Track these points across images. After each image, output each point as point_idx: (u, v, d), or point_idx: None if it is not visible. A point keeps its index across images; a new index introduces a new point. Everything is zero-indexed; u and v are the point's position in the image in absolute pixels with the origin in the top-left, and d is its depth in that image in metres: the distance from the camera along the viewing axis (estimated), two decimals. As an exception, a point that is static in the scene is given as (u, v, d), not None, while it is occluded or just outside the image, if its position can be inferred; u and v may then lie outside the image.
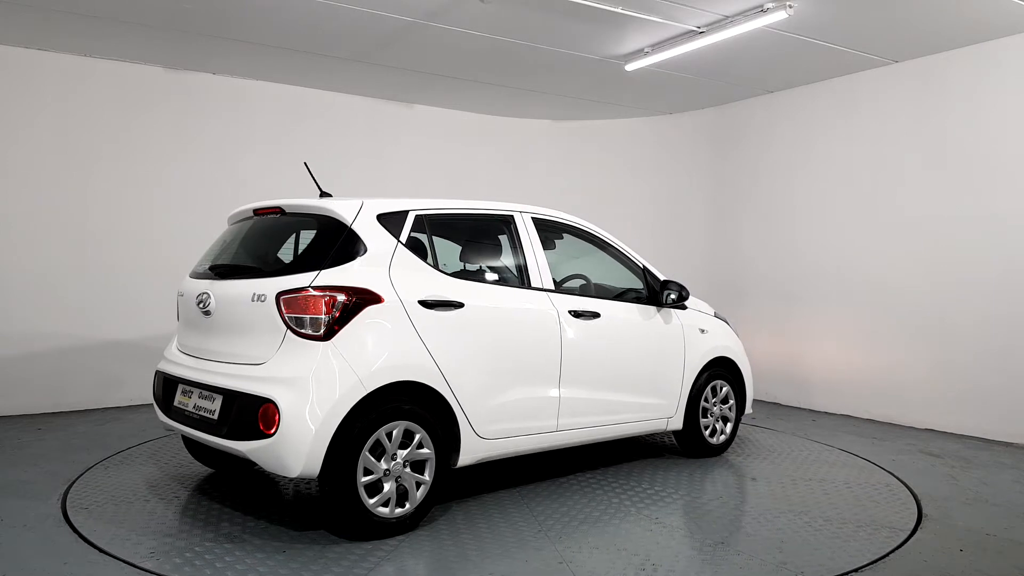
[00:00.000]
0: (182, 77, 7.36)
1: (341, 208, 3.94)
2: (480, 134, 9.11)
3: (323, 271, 3.72)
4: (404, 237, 4.03)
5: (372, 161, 8.32)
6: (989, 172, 6.24)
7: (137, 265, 7.11)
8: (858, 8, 5.61)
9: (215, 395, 3.83)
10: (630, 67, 6.92)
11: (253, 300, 3.78)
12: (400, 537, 3.73)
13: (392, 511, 3.74)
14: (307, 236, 4.22)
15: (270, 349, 3.69)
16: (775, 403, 7.86)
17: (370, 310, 3.72)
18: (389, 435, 3.72)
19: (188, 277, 4.48)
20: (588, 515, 4.19)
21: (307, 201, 4.13)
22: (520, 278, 4.51)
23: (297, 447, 3.46)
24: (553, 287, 4.62)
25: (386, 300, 3.78)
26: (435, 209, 4.26)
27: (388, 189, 8.21)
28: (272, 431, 3.48)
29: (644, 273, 5.26)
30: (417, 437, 3.82)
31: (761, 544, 3.79)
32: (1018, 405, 6.04)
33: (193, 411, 3.96)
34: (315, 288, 3.65)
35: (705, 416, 5.51)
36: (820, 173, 7.55)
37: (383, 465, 3.71)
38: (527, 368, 4.36)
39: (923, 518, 4.17)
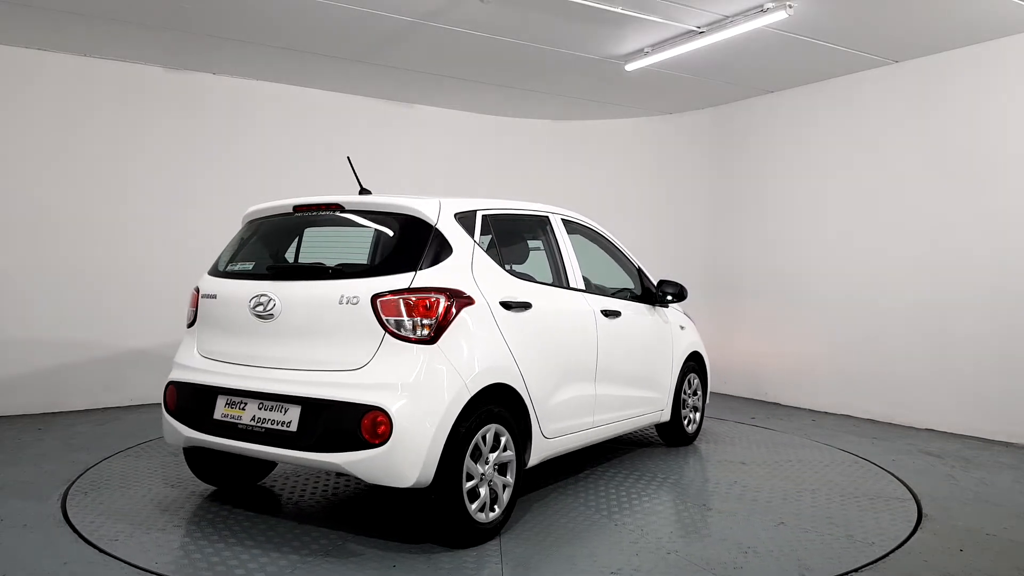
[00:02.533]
0: (182, 77, 7.36)
1: (424, 207, 3.78)
2: (480, 134, 9.11)
3: (419, 272, 3.58)
4: (477, 237, 3.94)
5: (372, 161, 8.30)
6: (989, 172, 6.24)
7: (137, 265, 7.12)
8: (858, 8, 5.61)
9: (289, 405, 3.54)
10: (630, 67, 6.92)
11: (341, 303, 3.55)
12: (493, 542, 3.69)
13: (488, 516, 3.68)
14: (332, 234, 4.15)
15: (364, 354, 3.48)
16: (775, 403, 7.86)
17: (465, 312, 3.63)
18: (483, 438, 3.65)
19: (214, 277, 4.13)
20: (641, 506, 4.37)
21: (381, 199, 3.93)
22: (561, 278, 4.57)
23: (413, 455, 3.33)
24: (584, 287, 4.70)
25: (476, 302, 3.71)
26: (495, 209, 4.23)
27: (388, 189, 8.20)
28: (381, 441, 3.31)
29: (639, 272, 5.42)
30: (503, 439, 3.78)
31: (813, 521, 4.10)
32: (1018, 405, 6.04)
33: (253, 424, 3.61)
34: (415, 290, 3.53)
35: (684, 407, 5.81)
36: (820, 173, 7.55)
37: (480, 469, 3.64)
38: (575, 367, 4.44)
39: (923, 518, 4.17)
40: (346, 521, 4.00)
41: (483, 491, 3.65)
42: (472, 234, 3.91)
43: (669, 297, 5.41)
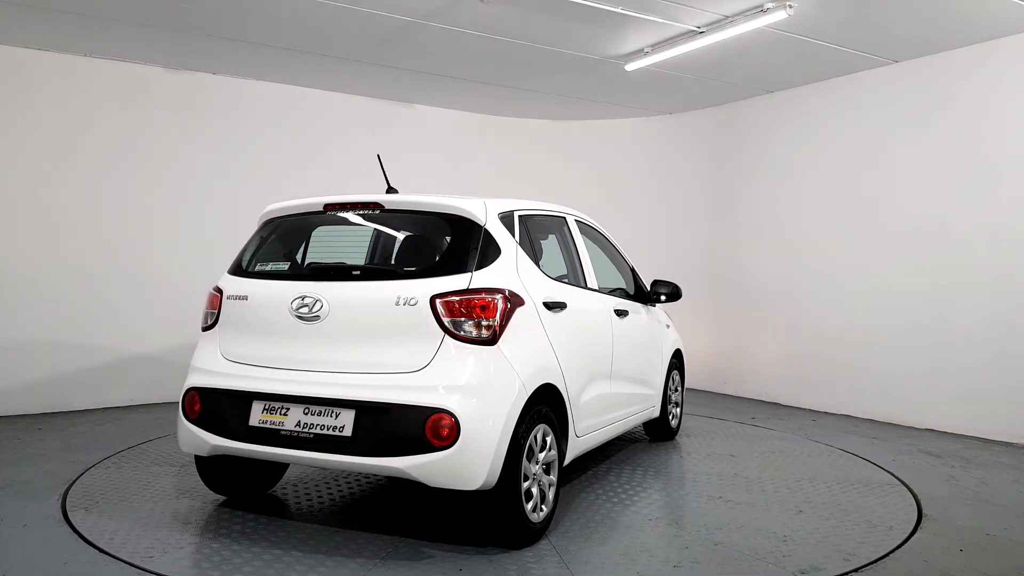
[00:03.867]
0: (182, 77, 7.36)
1: (472, 207, 3.76)
2: (480, 134, 9.11)
3: (475, 273, 3.56)
4: (517, 237, 3.92)
5: (372, 161, 8.30)
6: (989, 172, 6.24)
7: (137, 265, 7.12)
8: (858, 8, 5.60)
9: (340, 409, 3.45)
10: (630, 67, 6.92)
11: (398, 304, 3.48)
12: (544, 541, 3.70)
13: (539, 516, 3.69)
14: (370, 234, 4.16)
15: (423, 356, 3.42)
16: (775, 403, 7.86)
17: (519, 312, 3.63)
18: (535, 438, 3.67)
19: (240, 278, 3.96)
20: (662, 500, 4.52)
21: (425, 198, 3.85)
22: (579, 278, 4.60)
23: (481, 457, 3.31)
24: (598, 287, 4.75)
25: (526, 302, 3.71)
26: (527, 209, 4.23)
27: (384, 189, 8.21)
28: (448, 443, 3.26)
29: (632, 272, 5.50)
30: (548, 439, 3.79)
31: (827, 508, 4.31)
32: (1018, 405, 6.03)
33: (298, 430, 3.48)
34: (474, 291, 3.49)
35: (668, 403, 5.95)
36: (820, 173, 7.55)
37: (533, 469, 3.65)
38: (598, 365, 4.50)
39: (923, 518, 4.17)
40: (388, 524, 3.93)
41: (535, 491, 3.67)
42: (513, 234, 3.90)
43: (663, 297, 5.49)
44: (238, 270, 4.06)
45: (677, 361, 6.10)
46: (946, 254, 6.50)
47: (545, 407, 3.74)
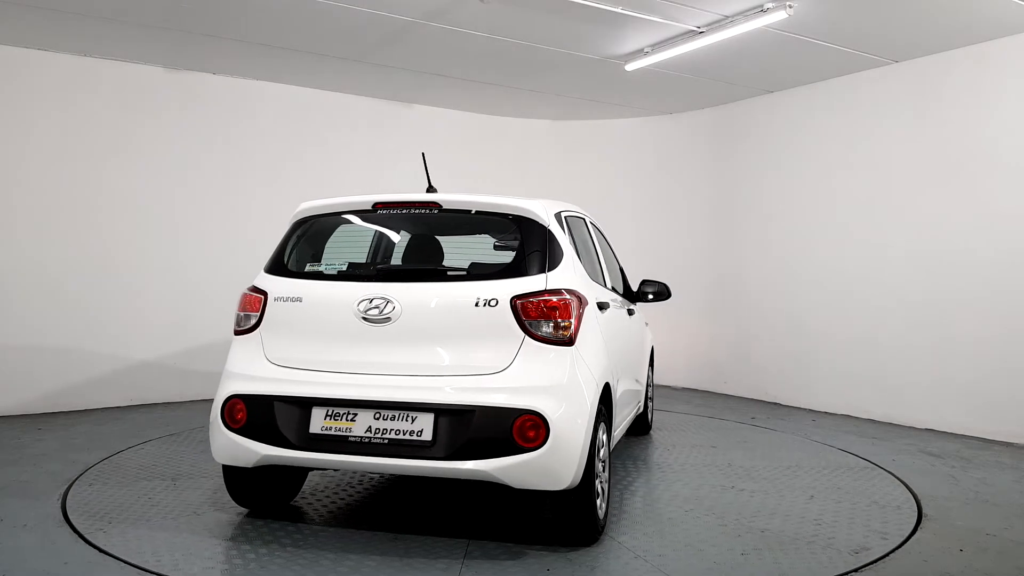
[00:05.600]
0: (182, 77, 7.36)
1: (535, 207, 3.77)
2: (480, 134, 9.11)
3: (548, 273, 3.56)
4: (568, 238, 3.93)
5: (372, 161, 8.33)
6: (989, 172, 6.24)
7: (138, 264, 7.12)
8: (858, 8, 5.61)
9: (417, 413, 3.37)
10: (630, 67, 6.92)
11: (478, 305, 3.45)
12: (609, 537, 3.73)
13: (601, 512, 3.72)
14: (427, 233, 4.22)
15: (503, 357, 3.40)
16: (775, 403, 7.86)
17: (586, 312, 3.66)
18: (599, 436, 3.71)
19: (286, 278, 3.80)
20: (682, 492, 4.60)
21: (488, 198, 3.80)
22: (601, 278, 4.62)
23: (570, 457, 3.32)
24: (612, 287, 4.84)
25: (589, 303, 3.75)
26: (567, 210, 4.25)
27: (388, 189, 8.20)
28: (536, 444, 3.24)
29: (621, 271, 5.56)
30: (605, 437, 3.84)
31: (833, 492, 4.56)
32: (1018, 405, 6.03)
33: (370, 436, 3.38)
34: (551, 291, 3.49)
35: (646, 397, 6.12)
36: (820, 173, 7.55)
37: (599, 467, 3.69)
38: (622, 363, 4.58)
39: (923, 518, 4.16)
40: (439, 526, 3.86)
41: (599, 487, 3.70)
42: (565, 234, 3.91)
43: (650, 296, 5.48)
44: (281, 270, 3.87)
45: (651, 358, 6.29)
46: (946, 254, 6.50)
47: (602, 405, 3.78)
